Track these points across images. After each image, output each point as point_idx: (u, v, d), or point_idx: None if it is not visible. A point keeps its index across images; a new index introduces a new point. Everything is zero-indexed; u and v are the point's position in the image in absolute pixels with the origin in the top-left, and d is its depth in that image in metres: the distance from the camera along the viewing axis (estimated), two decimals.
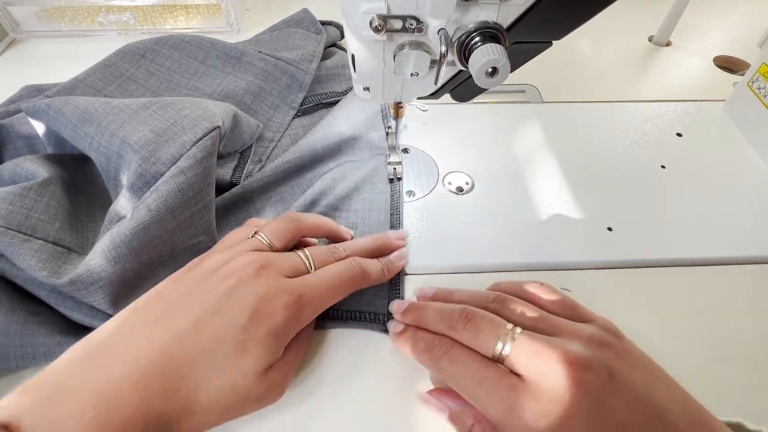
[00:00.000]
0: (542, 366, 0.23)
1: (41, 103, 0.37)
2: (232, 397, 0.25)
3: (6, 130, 0.40)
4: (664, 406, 0.23)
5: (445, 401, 0.28)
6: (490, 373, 0.24)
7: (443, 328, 0.28)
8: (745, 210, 0.40)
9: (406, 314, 0.31)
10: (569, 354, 0.23)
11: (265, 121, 0.46)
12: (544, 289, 0.29)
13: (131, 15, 0.62)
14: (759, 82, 0.45)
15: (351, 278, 0.30)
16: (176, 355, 0.24)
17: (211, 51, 0.49)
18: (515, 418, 0.23)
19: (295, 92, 0.48)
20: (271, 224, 0.32)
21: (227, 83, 0.46)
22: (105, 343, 0.25)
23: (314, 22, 0.56)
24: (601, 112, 0.50)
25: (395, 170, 0.41)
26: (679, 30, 0.59)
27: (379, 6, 0.25)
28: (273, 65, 0.48)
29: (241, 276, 0.27)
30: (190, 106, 0.35)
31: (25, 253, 0.30)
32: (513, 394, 0.23)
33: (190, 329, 0.25)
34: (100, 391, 0.22)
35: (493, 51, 0.24)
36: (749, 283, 0.36)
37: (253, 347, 0.25)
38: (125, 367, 0.23)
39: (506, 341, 0.25)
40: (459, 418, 0.27)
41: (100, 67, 0.45)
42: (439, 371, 0.27)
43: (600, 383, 0.23)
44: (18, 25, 0.61)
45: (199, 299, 0.26)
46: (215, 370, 0.25)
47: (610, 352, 0.24)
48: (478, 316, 0.27)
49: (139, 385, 0.23)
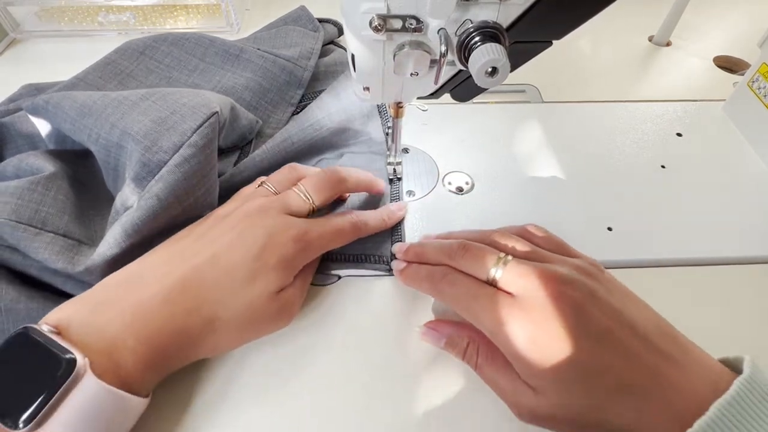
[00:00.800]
0: (530, 283, 0.26)
1: (40, 100, 0.37)
2: (249, 317, 0.29)
3: (7, 129, 0.41)
4: (639, 321, 0.26)
5: (441, 329, 0.31)
6: (485, 290, 0.27)
7: (443, 258, 0.30)
8: (745, 210, 0.40)
9: (408, 252, 0.33)
10: (555, 274, 0.26)
11: (264, 118, 0.46)
12: (537, 228, 0.32)
13: (131, 15, 0.62)
14: (759, 82, 0.45)
15: (352, 226, 0.34)
16: (196, 280, 0.28)
17: (210, 48, 0.49)
18: (506, 325, 0.26)
19: (293, 89, 0.49)
20: (313, 179, 0.35)
21: (226, 80, 0.47)
22: (135, 272, 0.29)
23: (312, 19, 0.56)
24: (601, 112, 0.50)
25: (395, 170, 0.41)
26: (679, 30, 0.59)
27: (379, 6, 0.25)
28: (272, 62, 0.48)
29: (253, 217, 0.31)
30: (188, 95, 0.35)
31: (38, 246, 0.30)
32: (504, 306, 0.26)
33: (207, 261, 0.28)
34: (135, 305, 0.26)
35: (493, 51, 0.24)
36: (749, 283, 0.36)
37: (265, 273, 0.29)
38: (154, 288, 0.27)
39: (499, 266, 0.27)
40: (454, 342, 0.30)
41: (100, 65, 0.46)
42: (439, 294, 0.30)
43: (582, 297, 0.25)
44: (18, 25, 0.61)
45: (214, 238, 0.30)
46: (232, 293, 0.28)
47: (592, 279, 0.27)
48: (475, 247, 0.29)
49: (166, 302, 0.27)
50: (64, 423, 0.22)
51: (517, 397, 0.26)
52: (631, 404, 0.24)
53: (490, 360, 0.28)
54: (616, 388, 0.24)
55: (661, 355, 0.25)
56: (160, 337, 0.26)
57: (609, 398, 0.24)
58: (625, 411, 0.24)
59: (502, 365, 0.27)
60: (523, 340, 0.25)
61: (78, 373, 0.23)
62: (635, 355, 0.24)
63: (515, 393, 0.26)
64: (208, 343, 0.28)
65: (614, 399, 0.24)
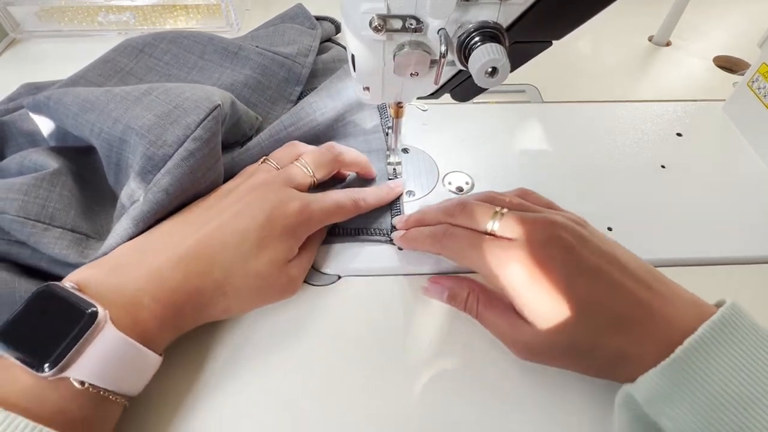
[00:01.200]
0: (527, 228, 0.28)
1: (41, 96, 0.37)
2: (258, 284, 0.30)
3: (8, 127, 0.41)
4: (629, 262, 0.28)
5: (442, 283, 0.33)
6: (485, 239, 0.29)
7: (442, 218, 0.33)
8: (745, 210, 0.40)
9: (408, 221, 0.36)
10: (549, 219, 0.29)
11: (263, 114, 0.47)
12: (529, 191, 0.35)
13: (131, 15, 0.62)
14: (759, 82, 0.45)
15: (352, 201, 0.35)
16: (207, 247, 0.29)
17: (209, 46, 0.49)
18: (506, 266, 0.28)
19: (292, 86, 0.49)
20: (313, 154, 0.36)
21: (226, 77, 0.47)
22: (147, 241, 0.31)
23: (309, 17, 0.56)
24: (601, 112, 0.50)
25: (395, 170, 0.41)
26: (679, 30, 0.59)
27: (379, 6, 0.25)
28: (270, 59, 0.48)
29: (258, 189, 0.32)
30: (189, 89, 0.36)
31: (48, 241, 0.31)
32: (503, 249, 0.28)
33: (216, 230, 0.30)
34: (150, 268, 0.28)
35: (493, 51, 0.24)
36: (750, 283, 0.36)
37: (272, 241, 0.30)
38: (167, 253, 0.29)
39: (496, 219, 0.30)
40: (455, 294, 0.32)
41: (100, 63, 0.46)
42: (442, 249, 0.32)
43: (574, 240, 0.28)
44: (18, 25, 0.61)
45: (222, 209, 0.32)
46: (242, 260, 0.30)
47: (582, 227, 0.30)
48: (473, 203, 0.31)
49: (179, 267, 0.28)
50: (84, 368, 0.24)
51: (516, 335, 0.29)
52: (622, 334, 0.26)
53: (490, 306, 0.30)
54: (608, 320, 0.26)
55: (650, 291, 0.27)
56: (175, 297, 0.28)
57: (601, 329, 0.26)
58: (617, 340, 0.26)
59: (501, 309, 0.30)
60: (523, 278, 0.27)
61: (99, 324, 0.24)
62: (626, 290, 0.27)
63: (514, 331, 0.29)
64: (219, 305, 0.30)
65: (606, 330, 0.26)
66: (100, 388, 0.24)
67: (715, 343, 0.24)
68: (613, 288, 0.27)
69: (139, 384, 0.27)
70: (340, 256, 0.37)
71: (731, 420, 0.22)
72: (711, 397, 0.23)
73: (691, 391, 0.23)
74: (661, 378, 0.24)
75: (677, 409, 0.23)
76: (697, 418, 0.23)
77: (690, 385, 0.23)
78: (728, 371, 0.23)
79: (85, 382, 0.24)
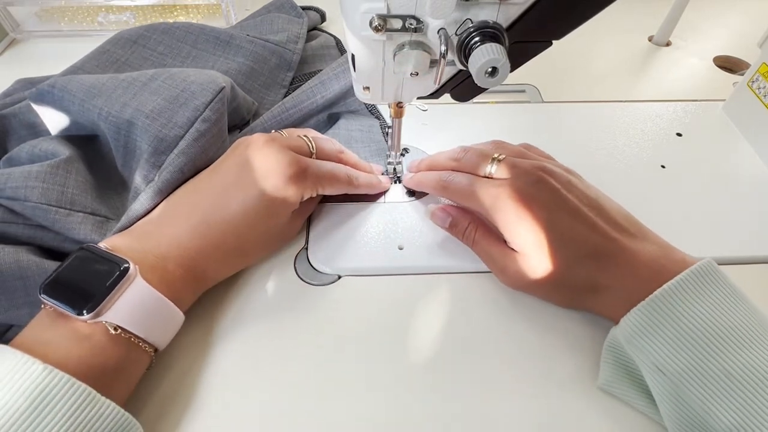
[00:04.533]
0: (519, 170, 0.32)
1: (44, 85, 0.37)
2: (272, 233, 0.34)
3: (9, 120, 0.41)
4: (610, 209, 0.32)
5: (447, 211, 0.37)
6: (483, 180, 0.33)
7: (448, 163, 0.36)
8: (745, 210, 0.40)
9: (420, 165, 0.39)
10: (540, 165, 0.33)
11: (258, 100, 0.48)
12: (532, 146, 0.38)
13: (131, 15, 0.62)
14: (759, 82, 0.45)
15: (346, 175, 0.37)
16: (218, 209, 0.32)
17: (201, 35, 0.50)
18: (499, 201, 0.32)
19: (284, 72, 0.51)
20: (317, 135, 0.38)
21: (219, 65, 0.48)
22: (164, 212, 0.33)
23: (294, 6, 0.58)
24: (601, 112, 0.50)
25: (395, 170, 0.41)
26: (679, 30, 0.59)
27: (378, 6, 0.25)
28: (261, 47, 0.50)
29: (259, 146, 0.33)
30: (194, 74, 0.37)
31: (72, 226, 0.33)
32: (497, 188, 0.32)
33: (221, 194, 0.32)
34: (169, 236, 0.31)
35: (492, 51, 0.24)
36: (750, 283, 0.36)
37: (277, 193, 0.32)
38: (183, 223, 0.32)
39: (494, 164, 0.33)
40: (456, 222, 0.36)
41: (96, 54, 0.46)
42: (445, 189, 0.36)
43: (561, 184, 0.32)
44: (18, 25, 0.61)
45: (226, 171, 0.34)
46: (250, 217, 0.32)
47: (572, 175, 0.34)
48: (475, 149, 0.36)
49: (196, 233, 0.31)
50: (118, 313, 0.27)
51: (506, 263, 0.33)
52: (595, 265, 0.30)
53: (485, 236, 0.35)
54: (584, 252, 0.30)
55: (623, 232, 0.31)
56: (194, 263, 0.31)
57: (577, 260, 0.30)
58: (588, 270, 0.30)
59: (495, 240, 0.34)
60: (513, 212, 0.31)
61: (130, 276, 0.27)
62: (600, 228, 0.30)
63: (504, 260, 0.33)
64: (237, 262, 0.34)
65: (581, 260, 0.30)
66: (132, 333, 0.27)
67: (693, 287, 0.27)
68: (590, 226, 0.30)
69: (165, 336, 0.30)
70: (340, 256, 0.37)
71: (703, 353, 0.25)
72: (686, 333, 0.26)
73: (667, 327, 0.26)
74: (641, 315, 0.27)
75: (655, 343, 0.27)
76: (670, 351, 0.26)
77: (666, 323, 0.26)
78: (704, 312, 0.26)
79: (118, 327, 0.27)
